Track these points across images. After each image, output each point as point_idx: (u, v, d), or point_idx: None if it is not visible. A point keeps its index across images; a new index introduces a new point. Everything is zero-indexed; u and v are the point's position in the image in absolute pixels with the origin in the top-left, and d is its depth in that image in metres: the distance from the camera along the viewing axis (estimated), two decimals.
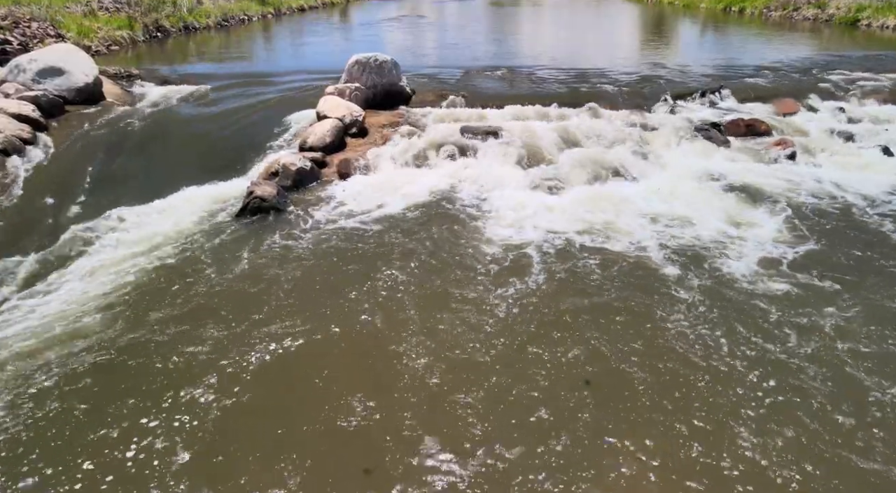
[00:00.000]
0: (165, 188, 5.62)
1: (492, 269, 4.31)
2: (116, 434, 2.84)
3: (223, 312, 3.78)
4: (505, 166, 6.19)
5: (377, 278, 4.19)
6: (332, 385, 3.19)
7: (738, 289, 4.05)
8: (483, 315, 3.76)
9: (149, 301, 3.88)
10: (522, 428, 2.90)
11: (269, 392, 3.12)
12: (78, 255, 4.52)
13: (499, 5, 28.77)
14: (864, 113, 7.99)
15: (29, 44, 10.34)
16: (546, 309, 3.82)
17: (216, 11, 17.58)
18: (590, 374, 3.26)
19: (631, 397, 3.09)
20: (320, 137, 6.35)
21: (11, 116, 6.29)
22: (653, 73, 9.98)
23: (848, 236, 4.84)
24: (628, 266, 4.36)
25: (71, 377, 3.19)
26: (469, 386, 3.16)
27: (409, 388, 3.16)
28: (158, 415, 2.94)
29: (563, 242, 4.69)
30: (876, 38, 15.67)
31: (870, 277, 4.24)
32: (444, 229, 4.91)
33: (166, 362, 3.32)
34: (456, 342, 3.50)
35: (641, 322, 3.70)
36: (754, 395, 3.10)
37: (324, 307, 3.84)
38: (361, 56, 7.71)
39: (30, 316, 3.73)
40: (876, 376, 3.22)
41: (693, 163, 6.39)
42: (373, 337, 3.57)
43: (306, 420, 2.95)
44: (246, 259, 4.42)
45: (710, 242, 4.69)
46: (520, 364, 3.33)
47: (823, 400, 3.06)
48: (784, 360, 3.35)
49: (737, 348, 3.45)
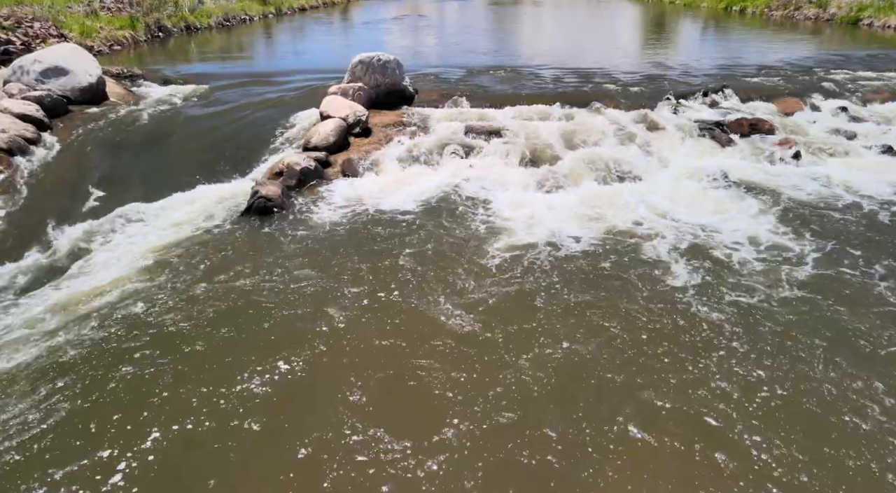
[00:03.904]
0: (169, 188, 5.63)
1: (496, 267, 4.31)
2: (116, 431, 2.86)
3: (226, 311, 3.79)
4: (508, 166, 6.20)
5: (381, 276, 4.20)
6: (334, 384, 3.19)
7: (742, 287, 4.06)
8: (486, 311, 3.76)
9: (149, 301, 3.89)
10: (531, 429, 2.91)
11: (269, 392, 3.13)
12: (82, 254, 4.54)
13: (499, 5, 28.75)
14: (866, 112, 8.00)
15: (32, 44, 10.35)
16: (549, 307, 3.83)
17: (217, 11, 17.58)
18: (589, 370, 3.26)
19: (631, 393, 3.10)
20: (324, 137, 6.35)
21: (16, 116, 6.30)
22: (655, 72, 9.99)
23: (852, 235, 4.84)
24: (631, 265, 4.36)
25: (75, 375, 3.20)
26: (469, 385, 3.17)
27: (413, 387, 3.16)
28: (158, 412, 2.96)
29: (566, 241, 4.69)
30: (878, 38, 15.66)
31: (875, 275, 4.25)
32: (449, 228, 4.92)
33: (166, 361, 3.33)
34: (460, 341, 3.51)
35: (641, 320, 3.71)
36: (755, 392, 3.11)
37: (329, 306, 3.85)
38: (365, 55, 7.71)
39: (28, 316, 3.74)
40: (888, 379, 3.22)
41: (696, 162, 6.40)
42: (378, 334, 3.58)
43: (307, 420, 2.96)
44: (251, 259, 4.43)
45: (714, 241, 4.69)
46: (528, 364, 3.34)
47: (827, 400, 3.07)
48: (784, 357, 3.36)
49: (737, 347, 3.46)
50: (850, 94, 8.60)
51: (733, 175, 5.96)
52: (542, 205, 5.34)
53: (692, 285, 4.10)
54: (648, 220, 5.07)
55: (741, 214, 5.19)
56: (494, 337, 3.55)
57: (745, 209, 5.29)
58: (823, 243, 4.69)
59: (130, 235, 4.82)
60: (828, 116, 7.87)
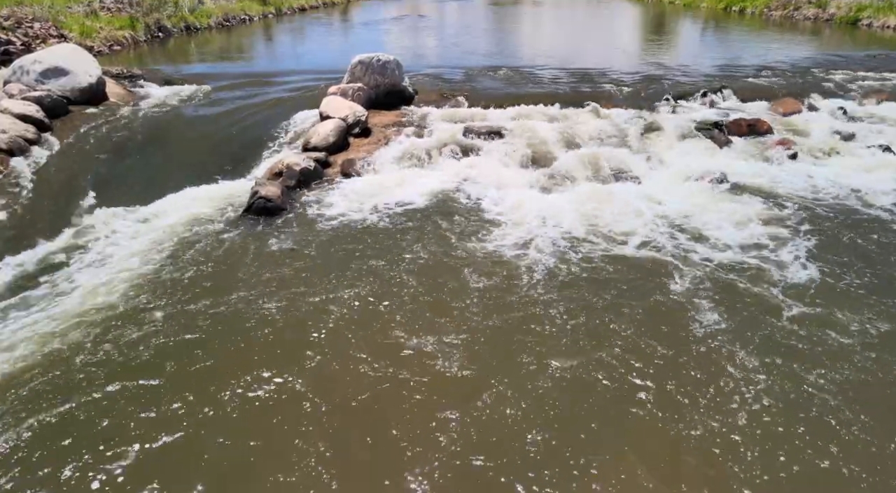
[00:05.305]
0: (169, 188, 5.64)
1: (495, 267, 4.33)
2: (111, 429, 2.87)
3: (223, 311, 3.80)
4: (507, 166, 6.22)
5: (380, 276, 4.21)
6: (335, 385, 3.21)
7: (739, 288, 4.07)
8: (484, 311, 3.78)
9: (150, 300, 3.90)
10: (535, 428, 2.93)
11: (270, 393, 3.14)
12: (81, 254, 4.54)
13: (499, 5, 28.76)
14: (865, 112, 8.02)
15: (32, 44, 10.36)
16: (548, 308, 3.84)
17: (217, 11, 17.59)
18: (589, 367, 3.28)
19: (631, 389, 3.12)
20: (324, 137, 6.37)
21: (16, 116, 6.32)
22: (654, 72, 10.01)
23: (849, 235, 4.86)
24: (629, 264, 4.38)
25: (78, 372, 3.22)
26: (467, 383, 3.19)
27: (415, 387, 3.18)
28: (158, 410, 2.97)
29: (565, 241, 4.71)
30: (877, 38, 15.68)
31: (873, 275, 4.26)
32: (448, 228, 4.93)
33: (165, 360, 3.35)
34: (459, 339, 3.53)
35: (640, 318, 3.73)
36: (755, 389, 3.12)
37: (328, 306, 3.86)
38: (364, 56, 7.73)
39: (24, 318, 3.75)
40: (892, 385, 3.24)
41: (695, 162, 6.41)
42: (379, 334, 3.59)
43: (309, 419, 2.97)
44: (250, 258, 4.45)
45: (711, 241, 4.71)
46: (527, 362, 3.36)
47: (829, 403, 3.08)
48: (783, 356, 3.38)
49: (737, 346, 3.48)
50: (849, 94, 8.62)
51: (732, 176, 5.97)
52: (541, 205, 5.35)
53: (687, 282, 4.11)
54: (646, 220, 5.07)
55: (740, 214, 5.20)
56: (491, 345, 3.55)
57: (744, 210, 5.30)
58: (822, 244, 4.70)
59: (130, 234, 4.83)
60: (826, 116, 7.89)
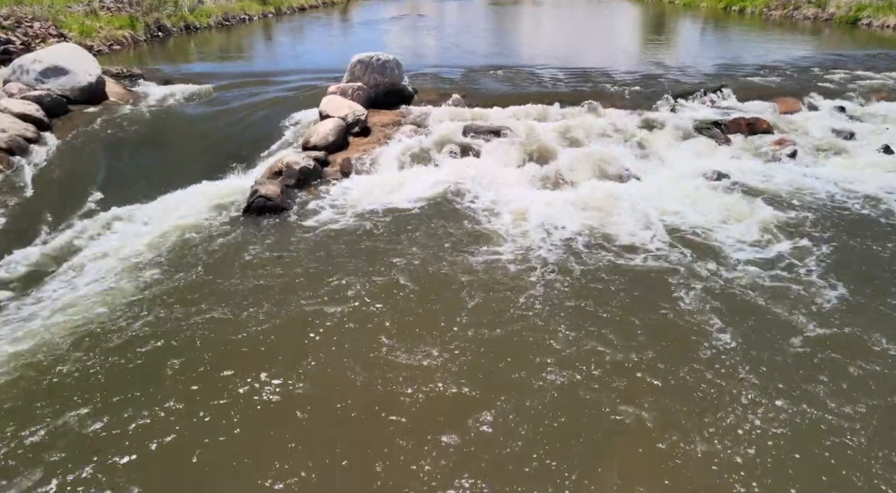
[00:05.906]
0: (169, 187, 5.64)
1: (495, 267, 4.33)
2: (110, 426, 2.87)
3: (221, 311, 3.80)
4: (507, 165, 6.22)
5: (380, 275, 4.21)
6: (336, 385, 3.21)
7: (739, 287, 4.07)
8: (482, 316, 3.78)
9: (150, 300, 3.90)
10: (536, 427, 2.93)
11: (270, 393, 3.15)
12: (81, 253, 4.55)
13: (499, 5, 28.76)
14: (864, 112, 8.02)
15: (31, 43, 10.36)
16: (548, 306, 3.85)
17: (217, 11, 17.58)
18: (588, 366, 3.29)
19: (630, 389, 3.12)
20: (323, 137, 6.37)
21: (16, 115, 6.32)
22: (654, 72, 10.01)
23: (848, 234, 4.86)
24: (629, 263, 4.38)
25: (73, 374, 3.22)
26: (467, 382, 3.19)
27: (413, 388, 3.18)
28: (159, 406, 2.98)
29: (564, 239, 4.71)
30: (876, 38, 15.69)
31: (871, 274, 4.27)
32: (448, 228, 4.94)
33: (159, 362, 3.34)
34: (458, 339, 3.53)
35: (640, 318, 3.73)
36: (754, 388, 3.13)
37: (327, 305, 3.86)
38: (364, 55, 7.73)
39: (22, 315, 3.76)
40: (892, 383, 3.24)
41: (694, 161, 6.42)
42: (377, 333, 3.59)
43: (309, 420, 2.98)
44: (250, 258, 4.45)
45: (711, 241, 4.71)
46: (531, 362, 3.36)
47: (828, 404, 3.09)
48: (781, 356, 3.38)
49: (737, 346, 3.48)
50: (849, 93, 8.62)
51: (731, 175, 5.98)
52: (541, 204, 5.35)
53: (688, 282, 4.11)
54: (646, 219, 5.08)
55: (739, 213, 5.21)
56: (487, 353, 3.52)
57: (743, 209, 5.30)
58: (821, 243, 4.70)
59: (129, 233, 4.83)
60: (826, 115, 7.90)
